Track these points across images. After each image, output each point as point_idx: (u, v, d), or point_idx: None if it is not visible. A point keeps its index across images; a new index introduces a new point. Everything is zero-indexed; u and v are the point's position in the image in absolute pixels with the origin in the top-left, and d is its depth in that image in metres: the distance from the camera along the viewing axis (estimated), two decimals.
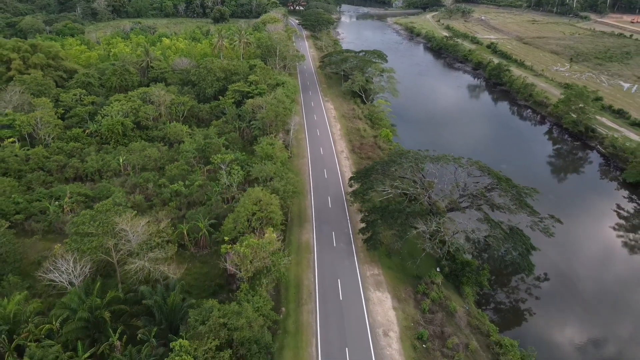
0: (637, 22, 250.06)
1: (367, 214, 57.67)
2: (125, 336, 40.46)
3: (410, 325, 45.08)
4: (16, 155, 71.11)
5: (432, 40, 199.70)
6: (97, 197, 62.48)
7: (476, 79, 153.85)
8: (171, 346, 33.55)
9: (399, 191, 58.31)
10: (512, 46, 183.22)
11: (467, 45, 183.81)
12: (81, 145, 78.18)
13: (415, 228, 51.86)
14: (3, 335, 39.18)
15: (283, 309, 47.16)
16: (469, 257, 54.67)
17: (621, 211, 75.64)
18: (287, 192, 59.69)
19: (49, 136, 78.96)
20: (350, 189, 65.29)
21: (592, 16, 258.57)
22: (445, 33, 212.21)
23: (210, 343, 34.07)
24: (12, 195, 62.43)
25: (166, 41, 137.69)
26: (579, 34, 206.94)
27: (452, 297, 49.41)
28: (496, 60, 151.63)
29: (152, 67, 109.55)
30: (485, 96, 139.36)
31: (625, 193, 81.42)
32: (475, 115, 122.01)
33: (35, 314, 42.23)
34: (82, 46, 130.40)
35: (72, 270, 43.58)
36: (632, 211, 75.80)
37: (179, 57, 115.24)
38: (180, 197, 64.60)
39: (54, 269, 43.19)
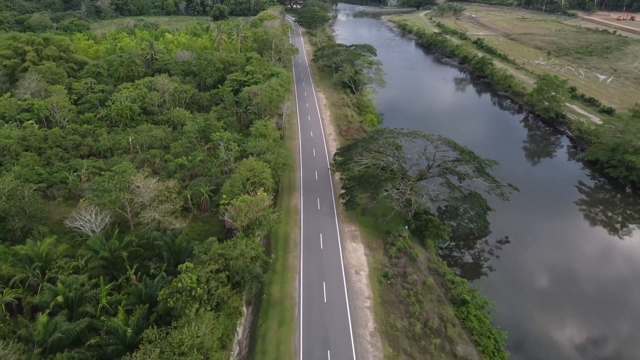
0: (623, 19, 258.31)
1: (347, 181, 66.20)
2: (139, 272, 48.95)
3: (378, 267, 53.59)
4: (36, 135, 79.48)
5: (422, 37, 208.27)
6: (110, 170, 70.80)
7: (462, 73, 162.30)
8: (179, 268, 42.00)
9: (375, 162, 66.69)
10: (498, 42, 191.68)
11: (456, 41, 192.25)
12: (93, 127, 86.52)
13: (386, 190, 60.32)
14: (37, 270, 47.62)
15: (272, 255, 55.62)
16: (433, 216, 63.19)
17: (582, 187, 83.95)
18: (278, 163, 68.24)
19: (64, 119, 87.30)
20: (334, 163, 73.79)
21: (580, 14, 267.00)
22: (435, 30, 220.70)
23: (210, 267, 42.53)
24: (35, 167, 70.95)
25: (169, 36, 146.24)
26: (565, 31, 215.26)
27: (417, 248, 57.85)
28: (481, 55, 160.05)
29: (156, 59, 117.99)
30: (469, 88, 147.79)
31: (588, 171, 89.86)
32: (458, 105, 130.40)
33: (63, 256, 50.68)
34: (90, 41, 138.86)
35: (94, 221, 52.05)
36: (592, 186, 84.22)
37: (181, 50, 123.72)
38: (184, 170, 72.98)
39: (79, 218, 51.63)
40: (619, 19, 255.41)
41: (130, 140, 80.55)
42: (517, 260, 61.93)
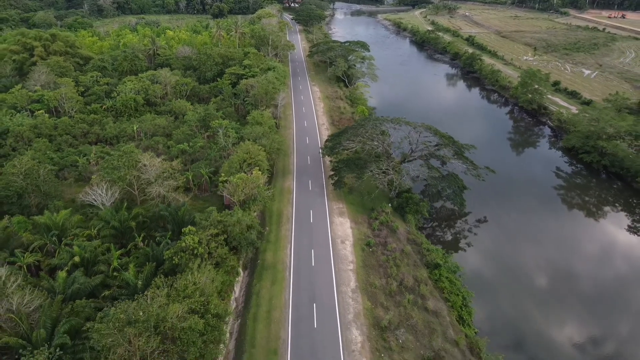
0: (614, 17, 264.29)
1: (336, 164, 71.79)
2: (146, 241, 54.49)
3: (362, 237, 59.16)
4: (46, 123, 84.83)
5: (416, 34, 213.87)
6: (118, 150, 76.28)
7: (453, 69, 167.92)
8: (182, 231, 47.55)
9: (362, 146, 72.20)
10: (489, 39, 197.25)
11: (448, 38, 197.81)
12: (100, 117, 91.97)
13: (371, 171, 65.88)
14: (54, 237, 53.12)
15: (267, 228, 61.20)
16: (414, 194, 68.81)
17: (559, 172, 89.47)
18: (273, 147, 73.92)
19: (72, 109, 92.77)
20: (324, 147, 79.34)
21: (572, 12, 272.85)
22: (429, 28, 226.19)
23: (210, 231, 48.10)
24: (47, 152, 76.41)
25: (170, 33, 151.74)
26: (555, 28, 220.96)
27: (398, 222, 63.35)
28: (471, 51, 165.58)
29: (158, 54, 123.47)
30: (459, 82, 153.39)
31: (566, 158, 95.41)
32: (448, 99, 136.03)
33: (77, 226, 56.18)
34: (94, 37, 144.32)
35: (105, 195, 57.58)
36: (569, 172, 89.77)
37: (182, 46, 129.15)
38: (185, 155, 78.36)
39: (92, 193, 57.17)
40: (609, 17, 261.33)
41: (135, 128, 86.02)
42: (491, 237, 67.46)
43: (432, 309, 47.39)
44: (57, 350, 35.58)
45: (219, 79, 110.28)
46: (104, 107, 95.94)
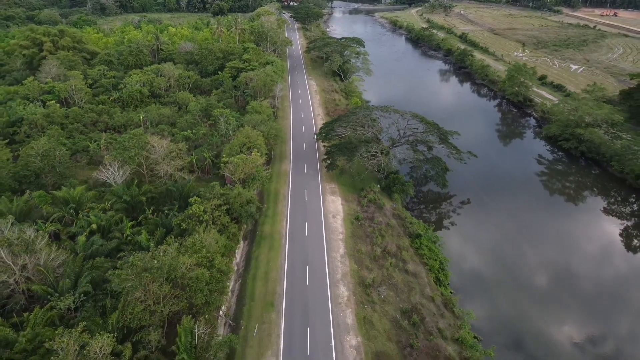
0: (606, 15, 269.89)
1: (329, 148, 77.37)
2: (155, 214, 59.99)
3: (351, 213, 64.73)
4: (57, 112, 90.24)
5: (411, 32, 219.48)
6: (128, 133, 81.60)
7: (446, 64, 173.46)
8: (189, 201, 53.10)
9: (353, 132, 77.74)
10: (482, 36, 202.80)
11: (442, 35, 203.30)
12: (108, 107, 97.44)
13: (360, 154, 71.46)
14: (72, 210, 58.65)
15: (265, 205, 66.78)
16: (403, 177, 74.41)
17: (541, 159, 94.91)
18: (270, 133, 79.51)
19: (81, 100, 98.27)
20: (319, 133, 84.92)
21: (565, 10, 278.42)
22: (424, 25, 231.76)
23: (214, 202, 53.66)
24: (60, 138, 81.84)
25: (172, 29, 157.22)
26: (547, 26, 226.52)
27: (385, 200, 68.93)
28: (463, 47, 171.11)
29: (161, 49, 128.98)
30: (451, 77, 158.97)
31: (548, 147, 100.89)
32: (439, 93, 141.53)
33: (92, 201, 61.69)
34: (99, 34, 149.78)
35: (117, 173, 63.11)
36: (550, 158, 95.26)
37: (184, 42, 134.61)
38: (189, 141, 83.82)
39: (105, 171, 62.72)
40: (602, 15, 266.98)
41: (141, 117, 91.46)
42: (473, 215, 72.94)
43: (411, 271, 52.98)
44: (81, 296, 41.15)
45: (219, 73, 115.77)
46: (111, 98, 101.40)
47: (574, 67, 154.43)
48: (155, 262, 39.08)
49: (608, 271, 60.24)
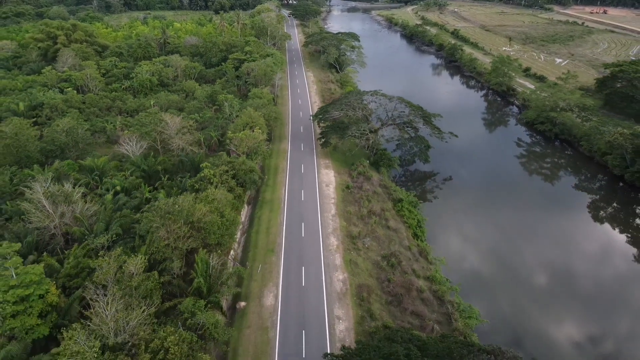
0: (596, 12, 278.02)
1: (324, 128, 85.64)
2: (170, 181, 68.15)
3: (342, 182, 72.99)
4: (75, 98, 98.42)
5: (406, 29, 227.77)
6: (144, 111, 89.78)
7: (438, 59, 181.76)
8: (200, 166, 61.32)
9: (345, 113, 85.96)
10: (474, 32, 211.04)
11: (435, 31, 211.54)
12: (120, 94, 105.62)
13: (351, 132, 79.68)
14: (96, 177, 66.84)
15: (266, 176, 75.04)
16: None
17: (520, 142, 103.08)
18: (271, 115, 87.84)
19: (96, 88, 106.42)
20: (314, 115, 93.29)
21: (556, 8, 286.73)
22: (418, 22, 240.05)
23: (222, 168, 61.88)
24: (79, 120, 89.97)
25: (177, 25, 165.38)
26: (537, 23, 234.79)
27: (373, 173, 77.19)
28: (453, 42, 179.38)
29: (168, 43, 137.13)
30: (442, 70, 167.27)
31: (528, 132, 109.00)
32: (430, 84, 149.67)
33: (114, 170, 69.85)
34: (108, 29, 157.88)
35: (135, 146, 71.30)
36: (529, 141, 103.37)
37: (189, 36, 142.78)
38: (197, 124, 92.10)
39: (124, 144, 70.93)
40: (591, 13, 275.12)
41: (152, 103, 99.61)
42: (453, 188, 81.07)
43: (392, 227, 61.26)
44: (113, 236, 49.39)
45: (223, 64, 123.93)
46: (123, 86, 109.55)
47: (558, 60, 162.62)
48: (177, 206, 47.31)
49: (576, 236, 67.74)
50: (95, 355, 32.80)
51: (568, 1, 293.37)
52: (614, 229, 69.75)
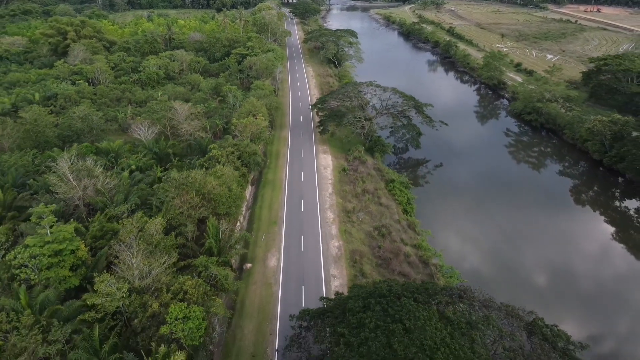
0: (590, 11, 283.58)
1: (322, 116, 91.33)
2: (180, 163, 73.78)
3: (339, 166, 78.65)
4: (86, 89, 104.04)
5: (403, 26, 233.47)
6: (155, 99, 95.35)
7: (433, 56, 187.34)
8: (209, 147, 66.96)
9: (342, 102, 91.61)
10: (469, 30, 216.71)
11: (431, 29, 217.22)
12: (129, 87, 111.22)
13: (348, 120, 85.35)
14: (112, 158, 72.45)
15: (268, 161, 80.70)
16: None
17: (508, 132, 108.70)
18: (272, 105, 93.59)
19: (106, 80, 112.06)
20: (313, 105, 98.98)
21: (551, 6, 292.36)
22: (415, 20, 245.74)
23: (228, 149, 67.52)
24: (91, 110, 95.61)
25: (181, 22, 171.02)
26: (531, 21, 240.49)
27: (368, 158, 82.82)
28: (448, 39, 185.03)
29: (173, 39, 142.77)
30: (437, 66, 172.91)
31: (516, 123, 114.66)
32: (426, 79, 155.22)
33: (128, 153, 75.43)
34: (115, 26, 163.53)
35: (146, 131, 76.92)
36: (517, 130, 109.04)
37: (193, 32, 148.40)
38: (202, 114, 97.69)
39: (137, 129, 76.57)
40: (585, 11, 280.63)
41: (159, 94, 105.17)
42: (443, 175, 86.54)
43: (384, 204, 66.90)
44: (132, 206, 55.02)
45: (226, 58, 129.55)
46: (132, 79, 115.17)
47: (549, 56, 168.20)
48: (190, 178, 52.95)
49: (558, 219, 72.86)
50: (124, 296, 38.46)
51: (562, 0, 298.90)
52: (595, 211, 74.79)
